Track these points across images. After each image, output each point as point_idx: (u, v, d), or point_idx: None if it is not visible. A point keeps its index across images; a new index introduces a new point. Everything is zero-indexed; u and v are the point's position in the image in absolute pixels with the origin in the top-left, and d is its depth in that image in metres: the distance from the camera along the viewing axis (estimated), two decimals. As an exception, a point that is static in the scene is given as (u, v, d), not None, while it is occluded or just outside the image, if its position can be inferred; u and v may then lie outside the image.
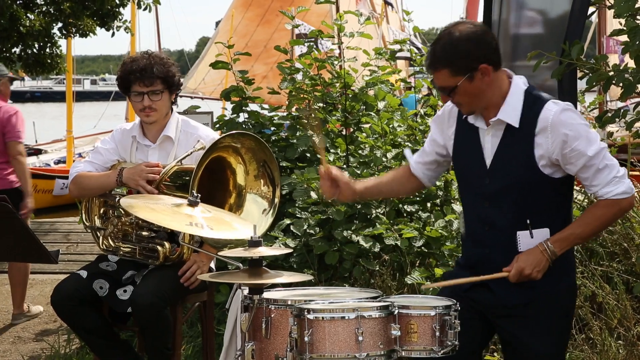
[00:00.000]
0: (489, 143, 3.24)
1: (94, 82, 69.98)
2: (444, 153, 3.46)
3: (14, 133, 6.39)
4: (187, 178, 4.02)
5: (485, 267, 3.26)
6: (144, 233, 4.19)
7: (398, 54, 6.46)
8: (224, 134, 4.08)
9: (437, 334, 2.94)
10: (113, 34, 12.15)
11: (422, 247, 5.27)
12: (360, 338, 2.83)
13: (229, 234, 3.57)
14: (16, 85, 53.80)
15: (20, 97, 52.33)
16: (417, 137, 6.07)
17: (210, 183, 4.05)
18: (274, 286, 3.26)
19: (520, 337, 3.24)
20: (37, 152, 17.37)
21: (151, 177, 4.13)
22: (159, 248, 4.14)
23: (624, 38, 3.66)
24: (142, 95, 4.23)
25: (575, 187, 3.55)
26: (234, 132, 4.15)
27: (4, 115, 6.37)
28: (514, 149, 3.18)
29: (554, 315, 3.23)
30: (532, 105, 3.16)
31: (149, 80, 4.21)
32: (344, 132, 6.04)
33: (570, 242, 3.19)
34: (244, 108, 6.10)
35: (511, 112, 3.17)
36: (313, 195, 5.41)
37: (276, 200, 4.13)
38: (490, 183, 3.23)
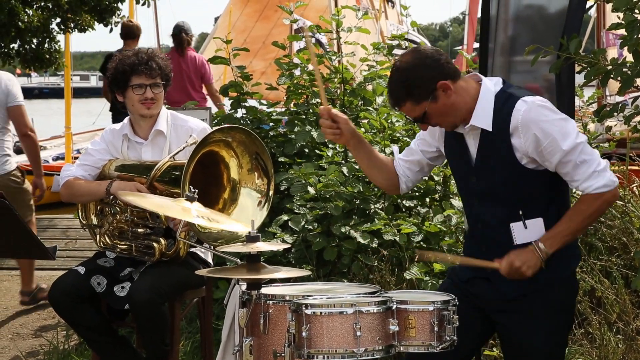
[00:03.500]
0: (472, 146, 3.24)
1: (100, 79, 69.82)
2: (431, 154, 3.44)
3: (210, 76, 8.63)
4: (180, 173, 4.01)
5: None
6: (140, 230, 4.19)
7: (395, 51, 6.44)
8: (214, 129, 4.07)
9: (436, 329, 2.94)
10: (111, 30, 12.13)
11: (421, 242, 5.26)
12: (359, 333, 2.83)
13: (231, 226, 3.58)
14: (23, 82, 53.72)
15: (29, 93, 51.83)
16: (415, 132, 6.05)
17: (205, 178, 4.05)
18: (272, 282, 3.26)
19: (517, 332, 3.23)
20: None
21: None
22: (155, 245, 4.13)
23: (622, 32, 3.64)
24: (145, 87, 4.25)
25: None
26: (223, 126, 4.14)
27: (200, 61, 8.52)
28: (493, 150, 3.17)
29: (552, 310, 3.22)
30: (503, 107, 3.14)
31: (152, 72, 4.25)
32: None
33: (560, 239, 3.14)
34: (242, 104, 6.10)
35: (482, 116, 3.15)
36: (311, 190, 5.40)
37: (270, 192, 4.13)
38: (477, 182, 3.24)
